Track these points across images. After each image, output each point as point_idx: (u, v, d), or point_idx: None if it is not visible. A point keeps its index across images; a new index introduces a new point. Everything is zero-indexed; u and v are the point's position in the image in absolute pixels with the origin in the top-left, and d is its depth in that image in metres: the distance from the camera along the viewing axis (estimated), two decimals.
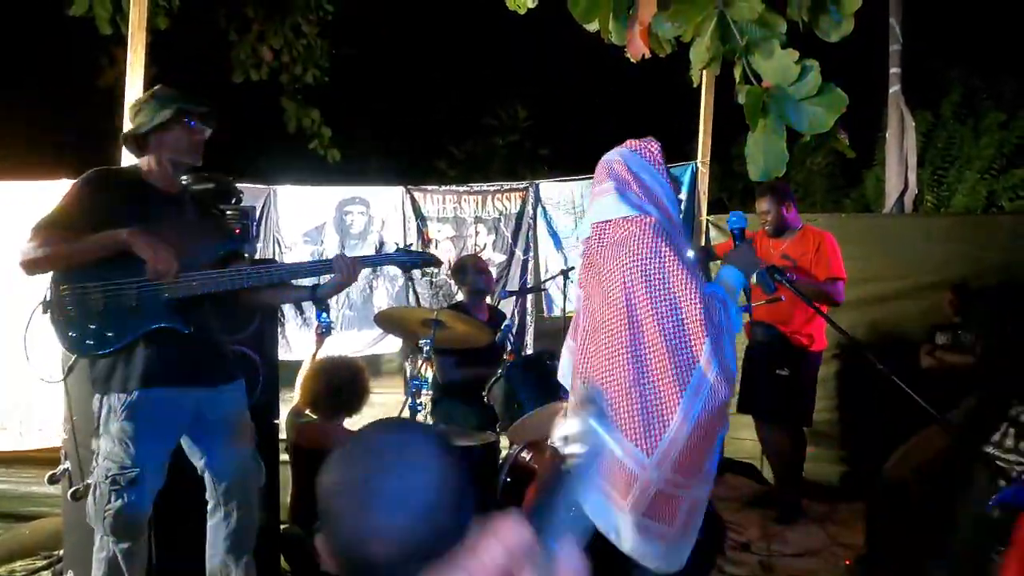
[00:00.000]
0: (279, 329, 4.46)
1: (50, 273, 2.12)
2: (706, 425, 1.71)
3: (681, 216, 2.02)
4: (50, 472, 2.69)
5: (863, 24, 2.15)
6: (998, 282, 4.18)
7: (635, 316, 1.76)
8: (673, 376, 1.69)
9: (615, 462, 1.74)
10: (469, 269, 3.89)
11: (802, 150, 10.96)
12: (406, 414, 2.61)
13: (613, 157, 1.98)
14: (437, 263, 2.70)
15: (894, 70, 6.16)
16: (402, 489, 0.83)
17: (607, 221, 1.88)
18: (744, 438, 4.47)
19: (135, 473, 2.12)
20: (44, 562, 3.16)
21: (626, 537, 1.74)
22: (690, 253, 1.92)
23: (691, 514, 1.77)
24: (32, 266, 2.07)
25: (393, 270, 4.96)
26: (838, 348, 4.57)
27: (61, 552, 2.97)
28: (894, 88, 6.20)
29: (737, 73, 2.23)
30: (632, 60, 2.46)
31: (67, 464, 2.67)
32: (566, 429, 0.93)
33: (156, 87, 2.32)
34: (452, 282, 5.35)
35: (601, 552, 1.76)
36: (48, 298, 2.13)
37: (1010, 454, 1.84)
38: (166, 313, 2.15)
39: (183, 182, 2.39)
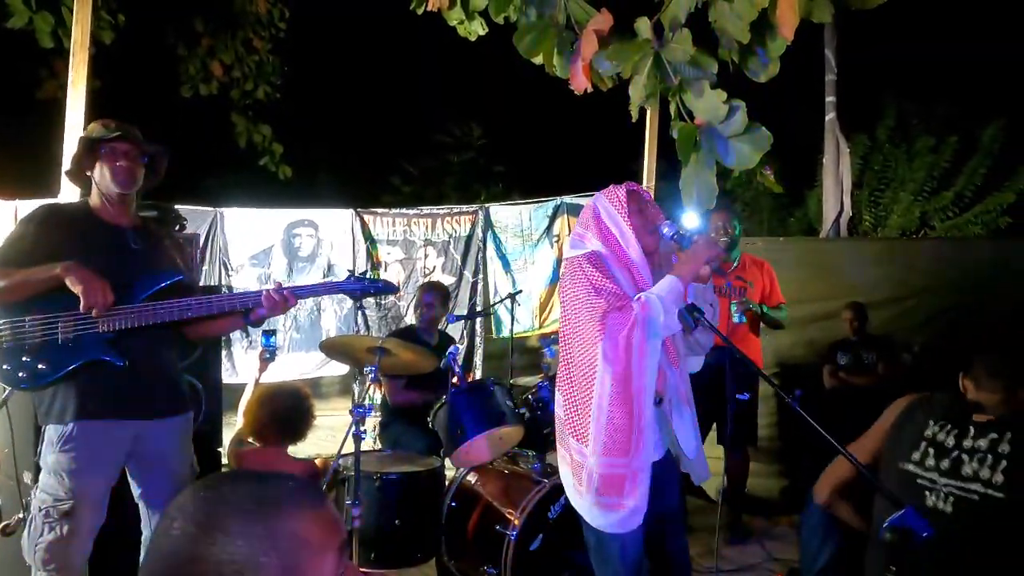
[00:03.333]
0: (224, 352, 4.40)
1: None
2: (611, 410, 2.04)
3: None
4: None
5: (804, 50, 2.28)
6: (922, 301, 4.41)
7: (567, 331, 2.18)
8: (585, 377, 2.09)
9: (569, 455, 2.18)
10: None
11: (749, 171, 11.32)
12: (350, 441, 2.62)
13: (589, 202, 2.33)
14: (392, 290, 2.70)
15: (830, 99, 6.45)
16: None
17: (567, 259, 2.29)
18: None
19: (69, 505, 2.10)
20: None
21: (592, 515, 2.13)
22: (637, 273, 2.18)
23: (636, 482, 2.08)
24: None
25: None
26: (778, 367, 4.75)
27: None
28: (830, 116, 6.50)
29: (672, 110, 2.35)
30: (576, 93, 2.56)
31: None
32: None
33: (92, 122, 2.32)
34: (401, 304, 5.37)
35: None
36: None
37: (931, 472, 1.94)
38: (101, 346, 2.14)
39: (134, 213, 2.38)
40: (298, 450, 3.13)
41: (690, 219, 3.10)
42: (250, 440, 3.00)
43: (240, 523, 0.77)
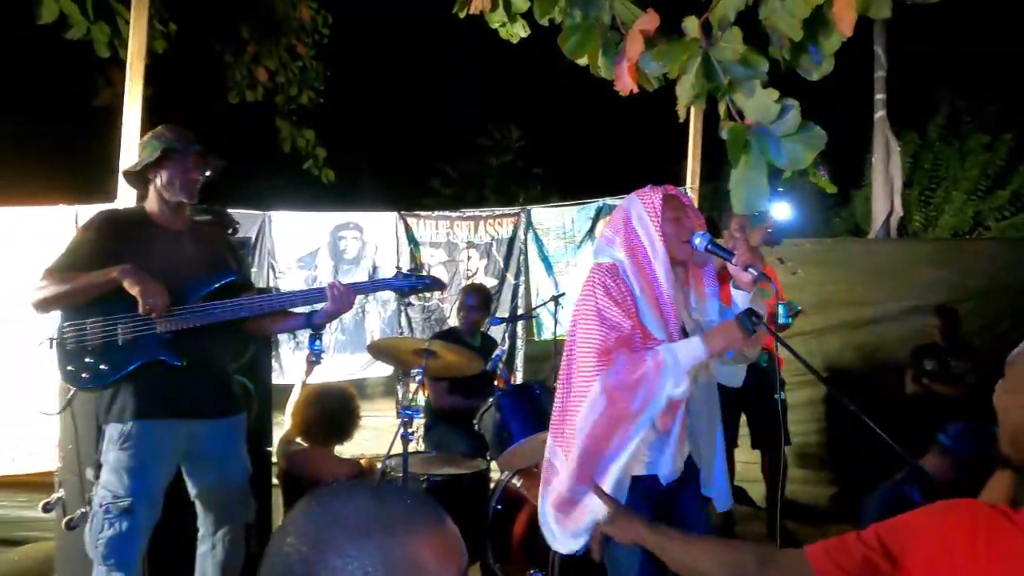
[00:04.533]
0: (272, 353, 4.48)
1: (59, 311, 2.21)
2: (593, 434, 1.93)
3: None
4: (44, 500, 2.70)
5: (852, 46, 2.20)
6: (979, 305, 4.25)
7: (570, 342, 2.08)
8: (581, 392, 1.97)
9: (548, 463, 2.10)
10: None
11: (800, 172, 11.13)
12: (398, 442, 2.65)
13: (623, 203, 2.20)
14: (440, 286, 2.67)
15: (879, 96, 6.29)
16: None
17: (593, 263, 2.17)
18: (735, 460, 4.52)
19: (128, 503, 2.16)
20: None
21: (544, 520, 2.10)
22: (663, 286, 2.05)
23: (585, 512, 1.98)
24: (39, 305, 2.19)
25: (386, 293, 5.00)
26: (827, 372, 4.64)
27: None
28: (879, 113, 6.33)
29: (721, 110, 2.30)
30: (621, 94, 2.53)
31: (61, 492, 2.69)
32: None
33: (161, 126, 2.38)
34: (444, 306, 5.41)
35: None
36: (54, 334, 2.21)
37: None
38: (159, 347, 2.20)
39: (187, 216, 2.44)
40: (343, 450, 3.17)
41: (781, 210, 2.93)
42: (298, 440, 3.06)
43: (354, 545, 0.74)
